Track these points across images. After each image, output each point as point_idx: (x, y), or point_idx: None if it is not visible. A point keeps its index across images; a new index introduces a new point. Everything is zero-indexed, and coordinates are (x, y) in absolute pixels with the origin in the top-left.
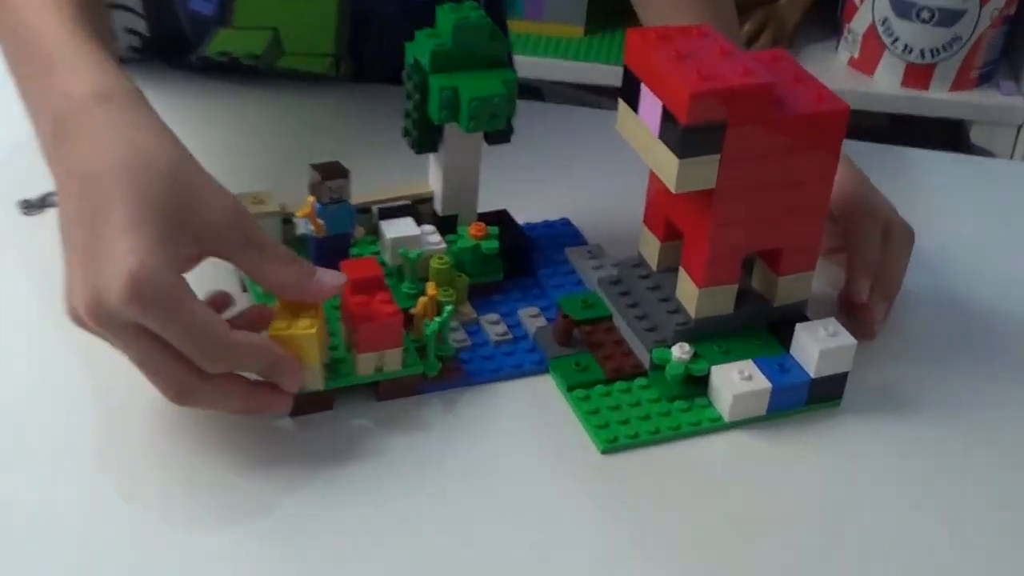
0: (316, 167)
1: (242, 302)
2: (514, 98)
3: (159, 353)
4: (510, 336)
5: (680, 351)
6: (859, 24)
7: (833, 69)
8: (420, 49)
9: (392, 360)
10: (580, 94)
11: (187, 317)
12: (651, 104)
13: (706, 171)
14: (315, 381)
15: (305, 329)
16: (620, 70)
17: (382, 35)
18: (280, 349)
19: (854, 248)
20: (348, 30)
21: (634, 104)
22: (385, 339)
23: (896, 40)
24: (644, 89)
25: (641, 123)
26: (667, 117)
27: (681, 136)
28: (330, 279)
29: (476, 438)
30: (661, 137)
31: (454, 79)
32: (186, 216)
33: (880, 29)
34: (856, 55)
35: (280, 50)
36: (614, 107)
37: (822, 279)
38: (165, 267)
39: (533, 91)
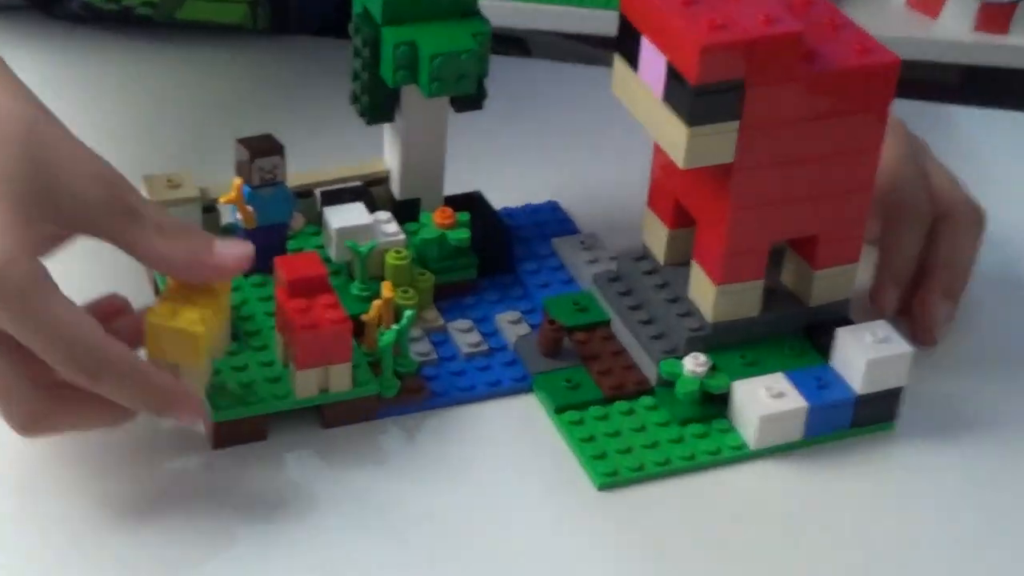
0: (243, 142)
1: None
2: (486, 54)
3: (7, 365)
4: (485, 347)
5: (694, 363)
6: None
7: (886, 11)
8: None
9: (339, 378)
10: (573, 46)
11: (46, 314)
12: (653, 60)
13: (722, 142)
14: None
15: (192, 324)
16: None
17: None
18: (168, 379)
19: (884, 249)
20: None
21: (633, 60)
22: (330, 352)
23: None
24: (644, 42)
25: (642, 84)
26: (673, 76)
27: (691, 99)
28: (233, 250)
29: (444, 473)
30: (666, 100)
31: (412, 32)
32: (45, 186)
33: None
34: None
35: None
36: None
37: (870, 270)
38: (19, 250)
39: (515, 43)
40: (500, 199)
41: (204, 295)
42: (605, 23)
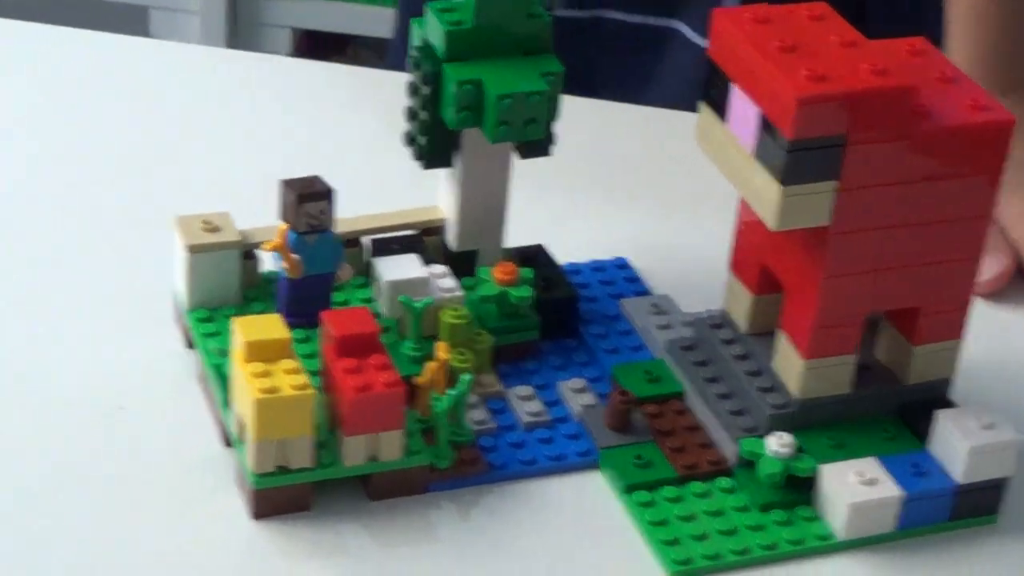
0: (288, 184)
1: (187, 362)
2: (557, 96)
3: None
4: (547, 417)
5: (778, 443)
6: None
7: None
8: (431, 27)
9: (389, 447)
10: None
11: None
12: (744, 111)
13: (818, 203)
14: (303, 458)
15: (300, 389)
16: None
17: None
18: None
19: None
20: None
21: (721, 110)
22: (381, 418)
23: None
24: (735, 91)
25: (730, 135)
26: (766, 129)
27: (785, 155)
28: None
29: (500, 555)
30: (757, 156)
31: (477, 69)
32: None
33: None
34: None
35: None
36: (692, 108)
37: (978, 341)
38: None
39: (581, 83)
40: (563, 253)
41: (276, 351)
42: None
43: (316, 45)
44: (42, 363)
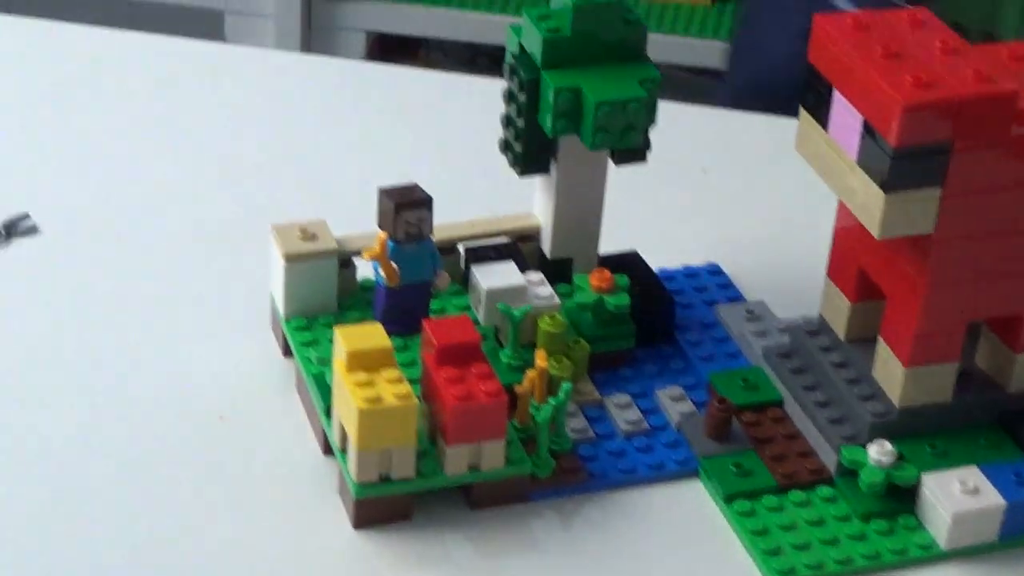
0: (387, 192)
1: (285, 370)
2: (655, 103)
3: None
4: (645, 425)
5: (879, 451)
6: None
7: None
8: (528, 34)
9: (491, 456)
10: (709, 84)
11: None
12: (847, 117)
13: (922, 210)
14: (405, 467)
15: (404, 399)
16: None
17: None
18: None
19: None
20: None
21: (822, 116)
22: (484, 427)
23: None
24: (837, 97)
25: (831, 142)
26: (869, 136)
27: (890, 162)
28: None
29: (602, 563)
30: (860, 162)
31: (576, 77)
32: None
33: None
34: None
35: None
36: (764, 109)
37: None
38: None
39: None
40: (655, 259)
41: (379, 360)
42: None
43: (388, 49)
44: (140, 373)
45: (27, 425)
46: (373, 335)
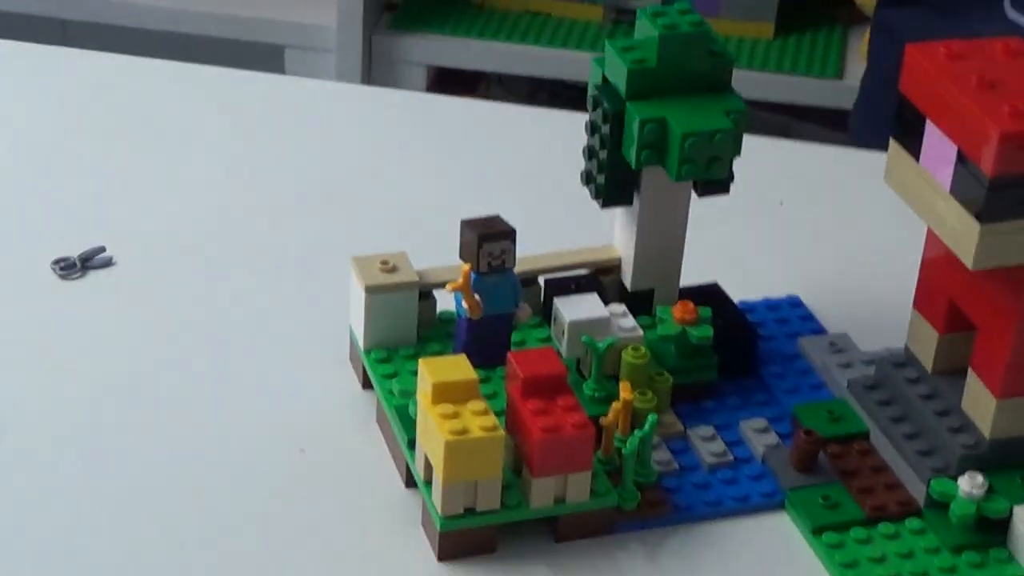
0: (469, 224)
1: (364, 403)
2: (741, 134)
3: None
4: (730, 457)
5: (970, 484)
6: None
7: None
8: (612, 65)
9: (577, 488)
10: (785, 122)
11: None
12: (940, 147)
13: (1018, 241)
14: (491, 499)
15: (490, 431)
16: (828, 85)
17: None
18: None
19: None
20: None
21: (913, 146)
22: (570, 460)
23: None
24: (930, 127)
25: (923, 173)
26: (964, 166)
27: (986, 193)
28: None
29: None
30: (954, 192)
31: (661, 108)
32: None
33: None
34: None
35: None
36: (830, 138)
37: None
38: None
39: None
40: (735, 291)
41: (464, 392)
42: (802, 91)
43: (448, 83)
44: (217, 406)
45: (106, 459)
46: (458, 367)
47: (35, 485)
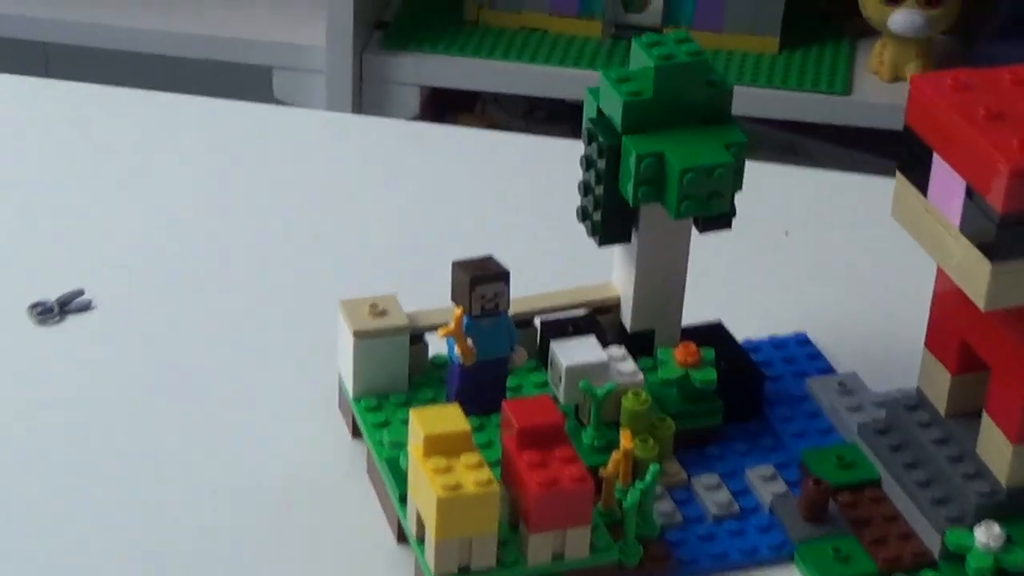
0: (461, 265)
1: (354, 453)
2: (742, 168)
3: None
4: (736, 508)
5: (987, 534)
6: None
7: None
8: (607, 98)
9: (577, 544)
10: (792, 140)
11: None
12: (948, 182)
13: None
14: (486, 556)
15: (485, 485)
16: (832, 100)
17: None
18: None
19: None
20: None
21: (920, 181)
22: (568, 514)
23: None
24: (937, 161)
25: (931, 208)
26: (973, 201)
27: (996, 229)
28: None
29: None
30: (963, 229)
31: (659, 142)
32: None
33: None
34: None
35: None
36: (840, 156)
37: None
38: None
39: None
40: (739, 329)
41: (457, 444)
42: (807, 108)
43: (443, 102)
44: (199, 456)
45: (87, 511)
46: (451, 417)
47: (6, 537)
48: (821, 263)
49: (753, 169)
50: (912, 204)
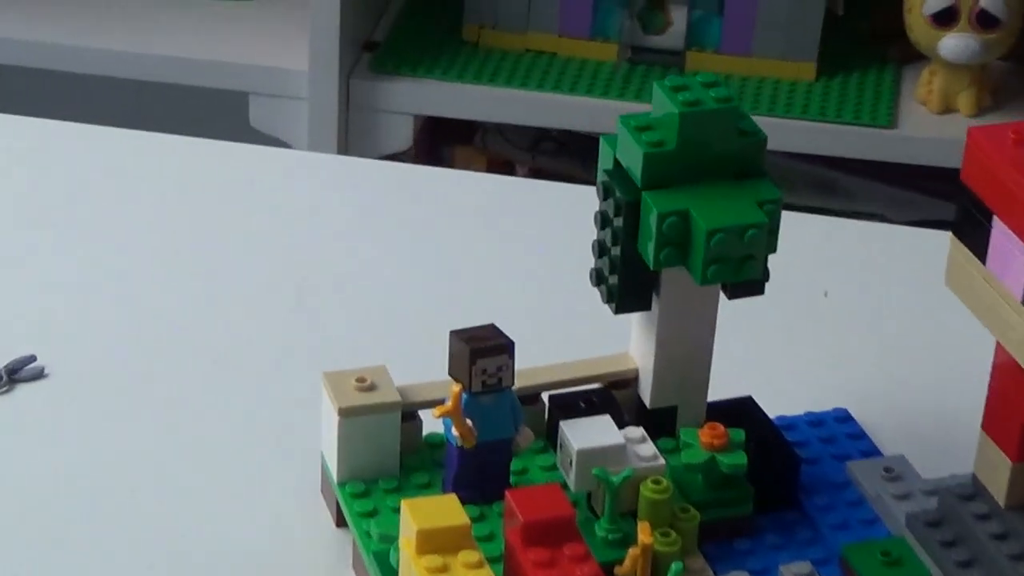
0: (460, 336)
1: (338, 543)
2: (777, 228)
3: None
4: None
5: None
6: None
7: None
8: (625, 148)
9: None
10: (830, 177)
11: None
12: (1009, 248)
13: None
14: None
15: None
16: (875, 134)
17: None
18: None
19: None
20: None
21: (977, 246)
22: None
23: None
24: (997, 224)
25: (990, 277)
26: None
27: None
28: None
29: None
30: None
31: (683, 199)
32: None
33: None
34: None
35: None
36: (885, 195)
37: None
38: None
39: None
40: (771, 403)
41: (454, 540)
42: (846, 142)
43: (439, 133)
44: (168, 546)
45: None
46: (447, 510)
47: None
48: (864, 329)
49: (788, 219)
50: (968, 272)
